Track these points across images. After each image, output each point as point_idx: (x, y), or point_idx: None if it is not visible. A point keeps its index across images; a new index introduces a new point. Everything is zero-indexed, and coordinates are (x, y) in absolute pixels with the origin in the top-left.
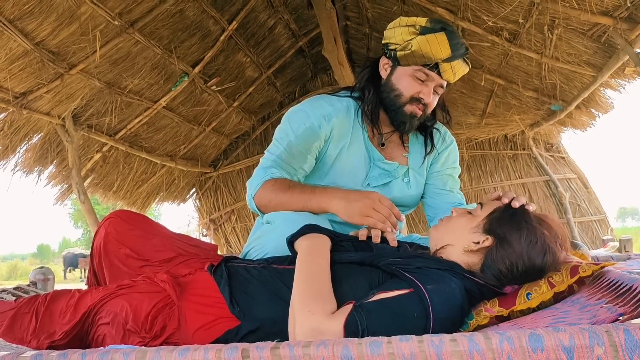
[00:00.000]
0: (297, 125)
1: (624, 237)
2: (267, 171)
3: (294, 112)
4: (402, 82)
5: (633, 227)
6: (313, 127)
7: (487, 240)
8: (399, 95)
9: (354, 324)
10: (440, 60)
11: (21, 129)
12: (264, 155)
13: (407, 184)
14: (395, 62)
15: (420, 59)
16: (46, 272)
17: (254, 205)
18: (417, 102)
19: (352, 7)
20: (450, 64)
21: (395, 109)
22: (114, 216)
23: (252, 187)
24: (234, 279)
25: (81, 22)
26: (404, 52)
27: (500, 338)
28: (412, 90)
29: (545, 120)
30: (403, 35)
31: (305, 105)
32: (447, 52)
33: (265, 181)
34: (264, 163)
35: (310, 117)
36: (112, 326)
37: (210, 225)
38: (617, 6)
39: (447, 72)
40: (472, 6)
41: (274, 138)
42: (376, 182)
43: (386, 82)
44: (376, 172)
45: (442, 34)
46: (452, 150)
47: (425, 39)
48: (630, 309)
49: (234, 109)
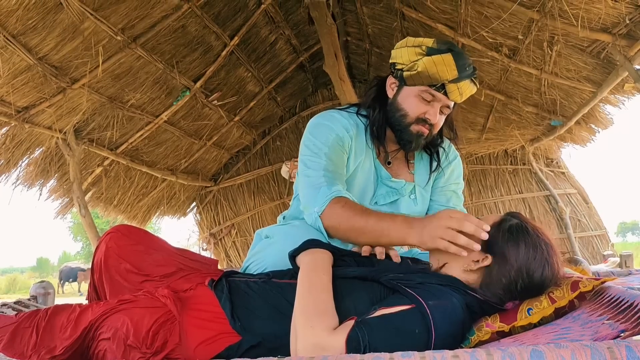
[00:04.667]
0: (325, 137)
1: (625, 253)
2: (330, 188)
3: (314, 127)
4: (408, 102)
5: (633, 242)
6: (339, 137)
7: (486, 259)
8: (404, 115)
9: (356, 340)
10: (447, 81)
11: (23, 142)
12: (303, 176)
13: (414, 201)
14: (401, 82)
15: (426, 79)
16: (47, 287)
17: (320, 224)
18: (423, 122)
19: (352, 23)
20: (457, 85)
21: (401, 129)
22: (114, 231)
23: (318, 203)
24: (234, 294)
25: (84, 37)
26: (410, 73)
27: (502, 354)
28: (418, 110)
29: (545, 135)
30: (410, 55)
31: (323, 119)
32: (453, 74)
33: (333, 199)
34: (315, 181)
35: (334, 128)
36: (113, 341)
37: (211, 240)
38: (616, 23)
39: (454, 92)
40: (472, 22)
41: (305, 157)
42: (384, 200)
43: (392, 102)
44: (383, 190)
45: (449, 55)
46: (457, 166)
47: (431, 59)
48: (631, 325)
49: (235, 123)
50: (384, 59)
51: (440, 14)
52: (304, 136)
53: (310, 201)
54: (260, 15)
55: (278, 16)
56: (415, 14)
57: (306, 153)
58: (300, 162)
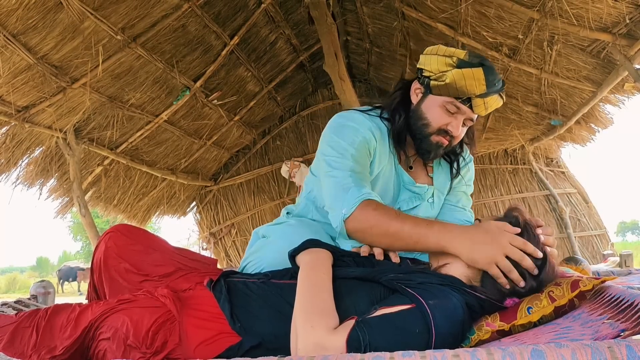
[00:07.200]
0: (351, 138)
1: (625, 252)
2: (360, 190)
3: (339, 127)
4: (432, 111)
5: (633, 242)
6: (366, 140)
7: None
8: (426, 125)
9: (357, 340)
10: (474, 95)
11: (23, 142)
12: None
13: (431, 205)
14: (427, 90)
15: (453, 92)
16: (47, 286)
17: (343, 228)
18: (444, 133)
19: (352, 22)
20: (484, 100)
21: (421, 137)
22: (114, 230)
23: (347, 205)
24: (233, 294)
25: (84, 37)
26: (438, 83)
27: (503, 354)
28: (440, 121)
29: (545, 135)
30: (439, 65)
31: (347, 120)
32: (482, 89)
33: (363, 201)
34: (342, 181)
35: (360, 130)
36: (113, 341)
37: (210, 239)
38: (616, 22)
39: (480, 107)
40: (472, 22)
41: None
42: (407, 205)
43: (416, 109)
44: (406, 195)
45: (480, 70)
46: (470, 168)
47: (461, 72)
48: (632, 324)
49: (235, 122)
50: (383, 59)
51: (441, 14)
52: (327, 136)
53: (338, 202)
54: (260, 14)
55: (278, 16)
56: (415, 14)
57: (331, 154)
58: (322, 162)
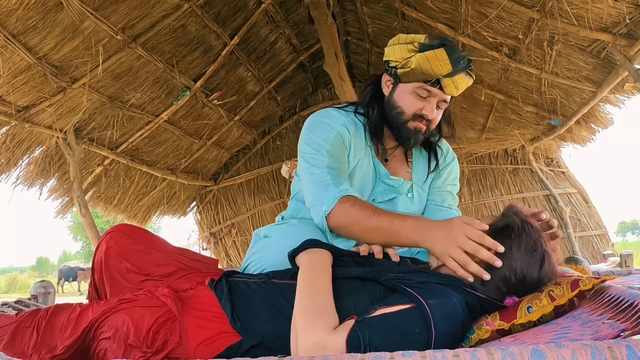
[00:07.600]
0: (326, 135)
1: (625, 252)
2: (338, 186)
3: (314, 125)
4: (404, 99)
5: (633, 242)
6: (340, 134)
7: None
8: (401, 113)
9: (357, 339)
10: (442, 76)
11: (23, 142)
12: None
13: (411, 199)
14: (396, 80)
15: (421, 76)
16: (47, 286)
17: (325, 224)
18: (420, 118)
19: (352, 22)
20: (452, 79)
21: (398, 126)
22: (115, 230)
23: (326, 202)
24: (234, 294)
25: (84, 37)
26: (404, 70)
27: (503, 354)
28: (414, 107)
29: (545, 135)
30: (402, 53)
31: (322, 117)
32: (447, 68)
33: (342, 197)
34: (320, 178)
35: (333, 126)
36: (114, 341)
37: (211, 239)
38: (616, 23)
39: (450, 86)
40: (472, 22)
41: (307, 155)
42: (381, 197)
43: (388, 100)
44: (381, 187)
45: (442, 50)
46: (454, 168)
47: (424, 56)
48: (632, 325)
49: (235, 122)
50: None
51: (441, 14)
52: (304, 134)
53: (318, 199)
54: (260, 14)
55: (278, 16)
56: (415, 14)
57: (308, 151)
58: (301, 159)
